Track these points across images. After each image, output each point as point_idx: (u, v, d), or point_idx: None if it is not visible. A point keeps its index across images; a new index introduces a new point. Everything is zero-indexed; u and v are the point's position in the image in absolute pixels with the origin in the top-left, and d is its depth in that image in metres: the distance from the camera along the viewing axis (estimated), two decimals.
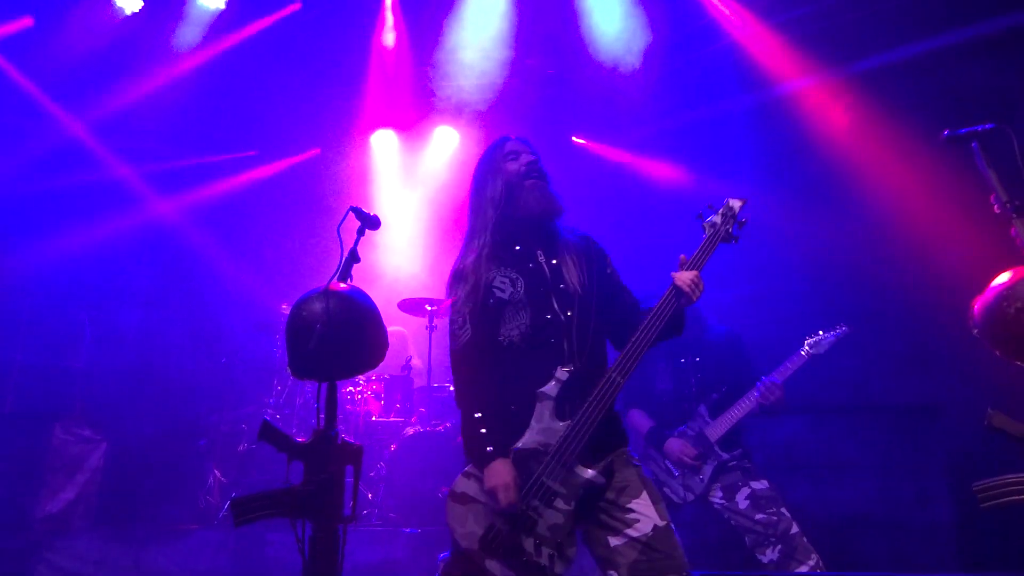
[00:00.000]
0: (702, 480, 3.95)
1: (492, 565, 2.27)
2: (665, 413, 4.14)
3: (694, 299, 2.45)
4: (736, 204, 2.63)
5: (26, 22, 6.09)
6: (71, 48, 6.14)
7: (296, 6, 6.24)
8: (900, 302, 5.77)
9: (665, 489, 4.04)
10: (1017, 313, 1.95)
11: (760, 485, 3.89)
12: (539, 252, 2.61)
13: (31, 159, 6.09)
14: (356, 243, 2.35)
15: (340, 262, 2.26)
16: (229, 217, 7.50)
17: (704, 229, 2.62)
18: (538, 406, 2.37)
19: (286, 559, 4.97)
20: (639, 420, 4.20)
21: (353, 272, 2.34)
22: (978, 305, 2.13)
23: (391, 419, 5.86)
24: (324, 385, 2.09)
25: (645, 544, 2.29)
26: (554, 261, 2.59)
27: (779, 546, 3.71)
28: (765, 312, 5.82)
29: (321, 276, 6.76)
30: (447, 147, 7.90)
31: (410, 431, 5.63)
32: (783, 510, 3.81)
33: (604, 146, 7.68)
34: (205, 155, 7.39)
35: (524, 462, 2.33)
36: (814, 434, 4.97)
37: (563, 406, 2.37)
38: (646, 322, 2.42)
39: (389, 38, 6.71)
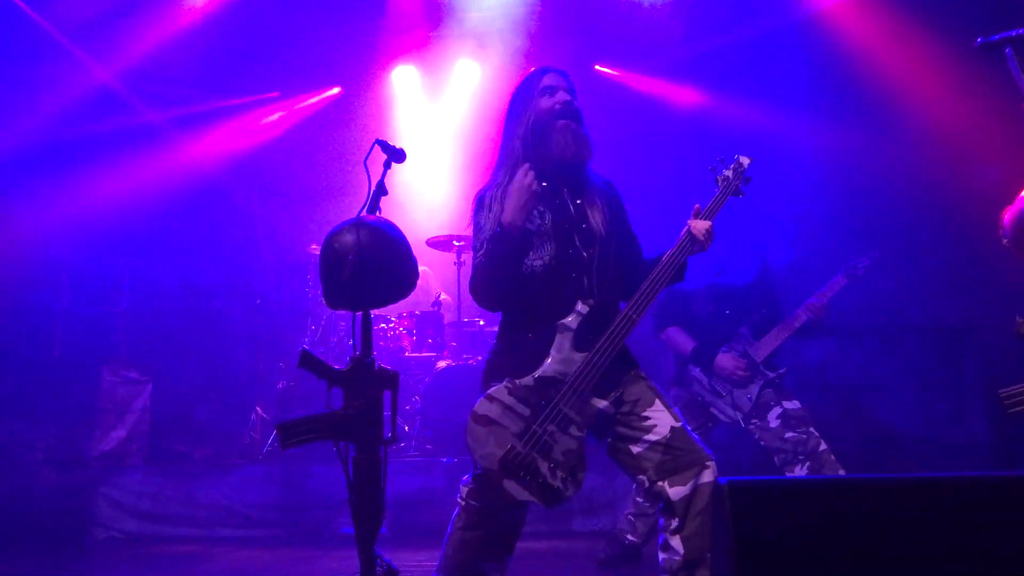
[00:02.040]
0: (750, 399, 3.96)
1: (510, 485, 2.39)
2: (705, 333, 4.12)
3: (706, 247, 2.57)
4: (745, 161, 2.75)
5: None
6: None
7: None
8: (936, 223, 5.68)
9: (713, 410, 4.05)
10: None
11: (792, 404, 3.92)
12: (565, 190, 2.65)
13: (64, 107, 6.13)
14: (384, 176, 2.37)
15: (368, 195, 2.29)
16: (256, 162, 7.54)
17: (717, 183, 2.73)
18: (558, 337, 2.48)
19: (330, 490, 5.18)
20: (680, 339, 4.14)
21: (381, 207, 2.37)
22: (1008, 215, 2.10)
23: (423, 354, 5.97)
24: (359, 315, 2.14)
25: (665, 445, 2.44)
26: (579, 201, 2.65)
27: (808, 463, 3.77)
28: (803, 235, 5.76)
29: (348, 214, 6.83)
30: (469, 80, 7.79)
31: (442, 364, 5.74)
32: (812, 429, 3.85)
33: (630, 74, 7.51)
34: (228, 98, 7.39)
35: (544, 388, 2.45)
36: (848, 355, 4.98)
37: (582, 338, 2.48)
38: (663, 263, 2.54)
39: None
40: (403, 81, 7.84)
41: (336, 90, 7.84)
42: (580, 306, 2.48)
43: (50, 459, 5.50)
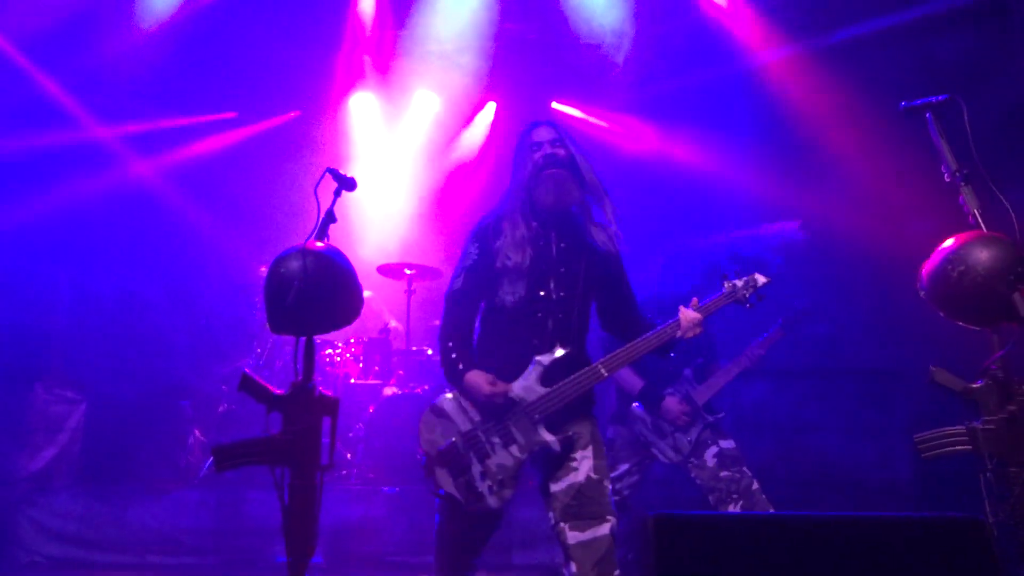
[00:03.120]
0: (690, 441, 4.07)
1: (441, 473, 2.68)
2: (651, 373, 4.20)
3: (687, 336, 2.82)
4: (761, 280, 3.01)
5: None
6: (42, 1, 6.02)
7: None
8: (870, 271, 5.91)
9: (653, 450, 4.14)
10: (960, 276, 2.05)
11: (727, 444, 4.04)
12: (553, 233, 2.87)
13: (3, 116, 6.00)
14: (333, 204, 2.41)
15: (317, 222, 2.33)
16: (208, 179, 7.45)
17: (723, 286, 3.00)
18: (531, 367, 2.71)
19: (265, 515, 5.09)
20: (629, 378, 4.22)
21: (332, 236, 2.42)
22: (925, 269, 2.25)
23: (369, 381, 5.95)
24: (302, 340, 2.16)
25: (578, 490, 2.66)
26: (563, 245, 2.86)
27: (741, 502, 3.87)
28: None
29: (299, 238, 6.77)
30: (426, 109, 7.89)
31: (388, 392, 5.73)
32: (745, 468, 3.97)
33: (585, 111, 7.71)
34: (184, 116, 7.33)
35: (502, 405, 2.68)
36: (782, 396, 5.14)
37: (548, 375, 2.70)
38: (643, 338, 2.79)
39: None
40: (361, 107, 7.89)
41: (295, 113, 7.84)
42: (559, 349, 2.71)
43: None
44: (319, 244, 2.25)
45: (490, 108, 7.94)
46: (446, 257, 6.83)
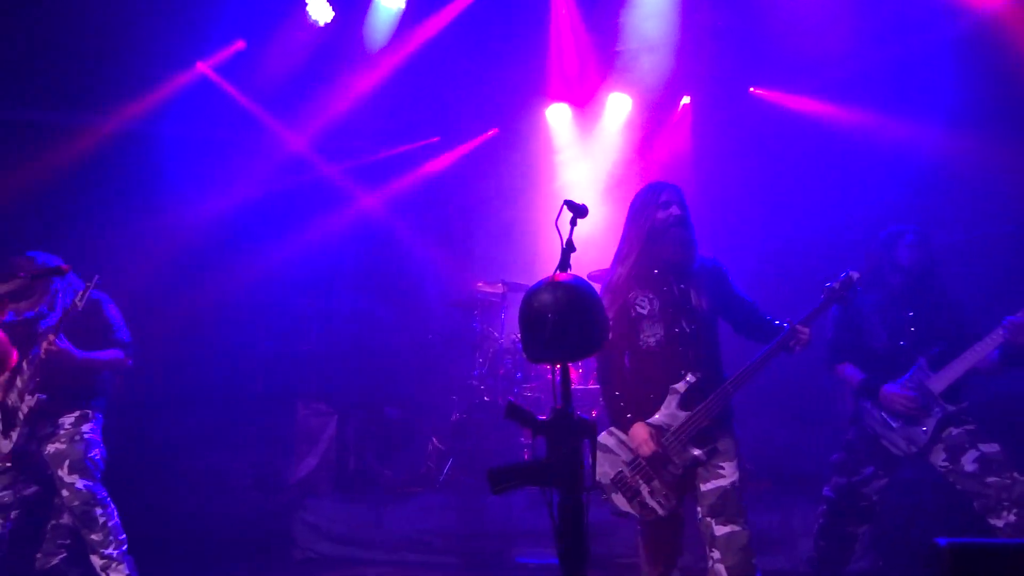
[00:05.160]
0: (925, 432, 3.76)
1: (617, 497, 3.24)
2: (880, 368, 3.96)
3: (797, 350, 3.25)
4: (855, 276, 3.39)
5: (239, 45, 6.84)
6: (277, 63, 6.81)
7: None
8: None
9: (883, 442, 3.88)
10: None
11: (990, 448, 3.66)
12: (671, 277, 3.30)
13: (260, 167, 6.88)
14: (571, 233, 2.52)
15: (561, 254, 2.45)
16: (419, 202, 8.01)
17: (822, 292, 3.38)
18: (668, 397, 3.21)
19: (504, 519, 5.40)
20: (850, 373, 4.04)
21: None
22: None
23: (590, 386, 6.09)
24: (558, 368, 2.30)
25: (723, 493, 3.15)
26: (683, 286, 3.29)
27: (1015, 510, 3.52)
28: (982, 260, 5.41)
29: (507, 251, 7.06)
30: (620, 113, 7.92)
31: (590, 387, 5.84)
32: (1016, 474, 3.59)
33: (785, 95, 7.34)
34: (395, 146, 7.93)
35: (652, 433, 3.19)
36: None
37: (686, 400, 3.19)
38: (761, 356, 3.24)
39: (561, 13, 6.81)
40: (556, 118, 8.08)
41: (493, 131, 8.20)
42: (689, 376, 3.18)
43: (254, 485, 6.11)
44: (564, 275, 2.36)
45: (685, 102, 7.80)
46: None
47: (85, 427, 4.24)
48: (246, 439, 6.41)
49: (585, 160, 8.06)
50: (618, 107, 7.88)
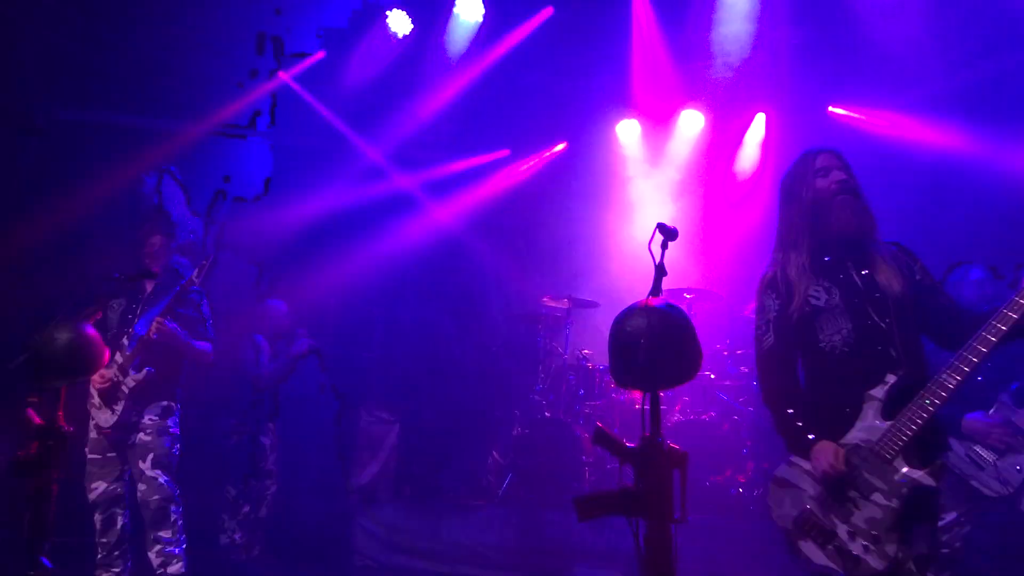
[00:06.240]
0: (1020, 470, 3.57)
1: (806, 546, 2.52)
2: (955, 405, 3.79)
3: None
4: None
5: (319, 55, 6.99)
6: (356, 74, 6.94)
7: (549, 11, 6.51)
8: None
9: (973, 482, 3.69)
10: None
11: None
12: (849, 263, 2.71)
13: (336, 176, 7.03)
14: (662, 256, 2.47)
15: (653, 277, 2.40)
16: (488, 215, 8.03)
17: None
18: (865, 406, 2.52)
19: (564, 536, 5.33)
20: None
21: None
22: None
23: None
24: (648, 395, 2.25)
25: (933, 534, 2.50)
26: (864, 271, 2.69)
27: None
28: None
29: (573, 267, 6.97)
30: (692, 131, 7.81)
31: (675, 419, 5.72)
32: None
33: (866, 113, 7.12)
34: (466, 158, 7.98)
35: (846, 456, 2.49)
36: None
37: (888, 407, 2.49)
38: (991, 322, 2.36)
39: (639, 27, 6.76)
40: (626, 133, 8.01)
41: (562, 145, 8.18)
42: (889, 376, 2.50)
43: (316, 489, 6.19)
44: (658, 301, 2.31)
45: (760, 120, 7.64)
46: (726, 280, 6.70)
47: (170, 420, 4.31)
48: (309, 444, 6.49)
49: (654, 176, 7.97)
50: (691, 123, 7.77)
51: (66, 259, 5.28)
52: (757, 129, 7.62)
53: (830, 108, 7.30)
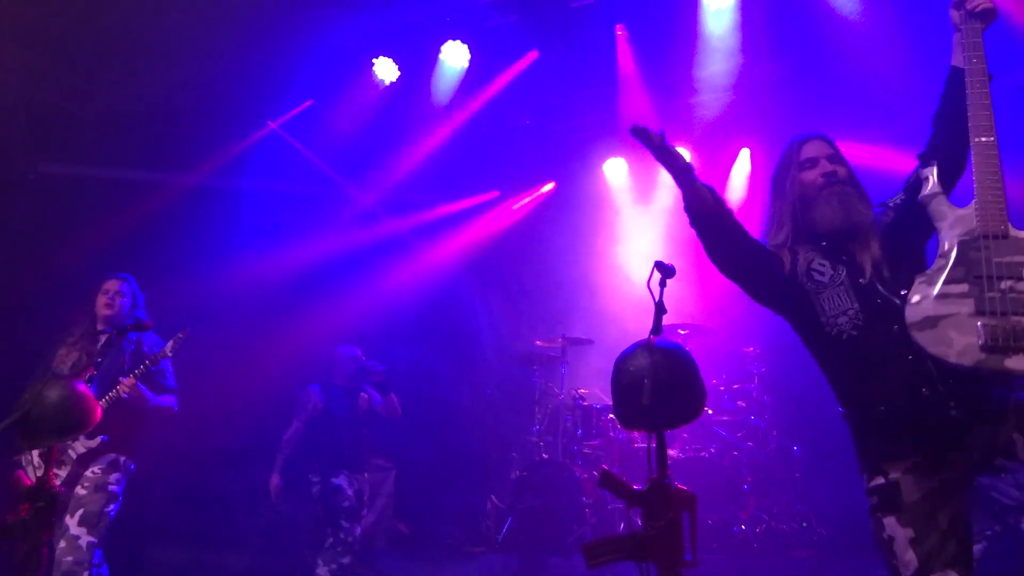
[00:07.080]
0: None
1: (1014, 360, 1.96)
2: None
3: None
4: None
5: (307, 103, 7.05)
6: (343, 121, 6.99)
7: (534, 54, 6.60)
8: None
9: (993, 493, 3.57)
10: None
11: None
12: (848, 244, 2.45)
13: (325, 221, 7.03)
14: (661, 294, 2.46)
15: (654, 316, 2.39)
16: (479, 256, 8.05)
17: None
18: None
19: None
20: None
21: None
22: None
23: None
24: (654, 436, 2.21)
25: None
26: (867, 253, 2.41)
27: None
28: None
29: (564, 306, 6.94)
30: None
31: (675, 456, 5.66)
32: None
33: (852, 146, 7.18)
34: (456, 201, 8.02)
35: (962, 250, 2.14)
36: None
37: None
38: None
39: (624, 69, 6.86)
40: (614, 172, 8.09)
41: (551, 185, 8.24)
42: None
43: (311, 542, 6.03)
44: (661, 339, 2.29)
45: (744, 155, 7.74)
46: (719, 315, 6.70)
47: (113, 476, 3.95)
48: (303, 494, 6.36)
49: (643, 213, 8.03)
50: None
51: (51, 313, 5.21)
52: (743, 164, 7.70)
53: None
